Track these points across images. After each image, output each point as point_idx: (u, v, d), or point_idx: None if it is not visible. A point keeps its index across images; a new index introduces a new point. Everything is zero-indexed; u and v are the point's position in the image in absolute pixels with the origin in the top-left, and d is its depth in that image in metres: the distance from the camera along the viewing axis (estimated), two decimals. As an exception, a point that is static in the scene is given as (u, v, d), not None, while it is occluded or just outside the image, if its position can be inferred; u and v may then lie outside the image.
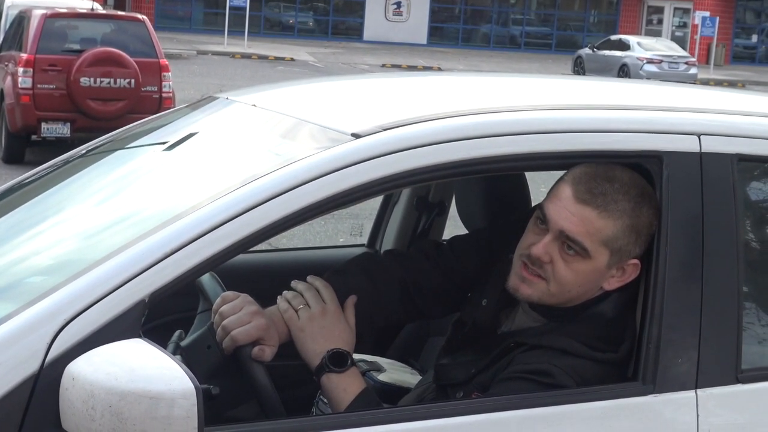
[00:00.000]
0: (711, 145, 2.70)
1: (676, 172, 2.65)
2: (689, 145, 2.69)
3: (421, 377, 3.19)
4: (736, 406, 2.63)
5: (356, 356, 3.29)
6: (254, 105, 3.12)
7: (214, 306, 2.70)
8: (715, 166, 2.69)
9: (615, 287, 2.69)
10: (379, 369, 3.30)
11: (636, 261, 2.67)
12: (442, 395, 2.80)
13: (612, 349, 2.63)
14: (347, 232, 9.96)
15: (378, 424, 2.43)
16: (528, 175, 3.51)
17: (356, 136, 2.53)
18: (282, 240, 8.56)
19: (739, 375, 2.63)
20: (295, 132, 2.78)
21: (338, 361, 2.64)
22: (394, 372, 3.33)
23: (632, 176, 2.66)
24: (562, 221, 2.64)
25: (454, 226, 3.81)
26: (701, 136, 2.71)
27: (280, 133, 2.84)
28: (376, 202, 4.20)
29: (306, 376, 2.70)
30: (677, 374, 2.58)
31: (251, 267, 3.80)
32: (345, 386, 2.63)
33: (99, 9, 16.68)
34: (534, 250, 2.67)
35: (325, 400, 2.83)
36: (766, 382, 2.69)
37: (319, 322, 2.67)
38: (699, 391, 2.59)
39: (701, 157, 2.68)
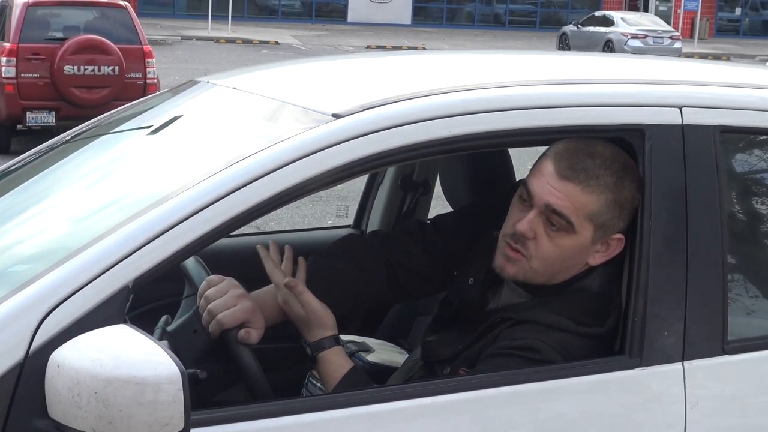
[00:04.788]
0: (693, 118, 2.70)
1: (659, 145, 2.64)
2: (671, 117, 2.68)
3: (409, 355, 3.20)
4: (723, 378, 2.64)
5: (345, 337, 3.31)
6: (235, 88, 3.11)
7: (199, 290, 2.70)
8: (697, 139, 2.68)
9: (600, 262, 2.70)
10: (368, 350, 3.30)
11: (620, 235, 2.67)
12: (429, 372, 2.80)
13: (598, 323, 2.64)
14: (335, 214, 9.95)
15: (367, 403, 2.43)
16: (514, 151, 3.50)
17: (337, 116, 2.52)
18: (270, 223, 8.55)
19: (725, 346, 2.64)
20: (276, 114, 2.77)
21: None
22: (383, 352, 3.33)
23: (614, 151, 2.66)
24: (546, 195, 2.64)
25: (441, 205, 3.81)
26: (683, 109, 2.70)
27: (261, 115, 2.83)
28: (363, 182, 4.20)
29: (293, 358, 2.70)
30: (664, 347, 2.58)
31: (238, 250, 3.79)
32: (328, 370, 2.64)
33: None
34: (519, 227, 2.67)
35: (314, 382, 2.84)
36: (752, 352, 2.71)
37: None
38: (686, 363, 2.59)
39: (683, 129, 2.68)
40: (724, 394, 2.64)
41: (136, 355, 2.09)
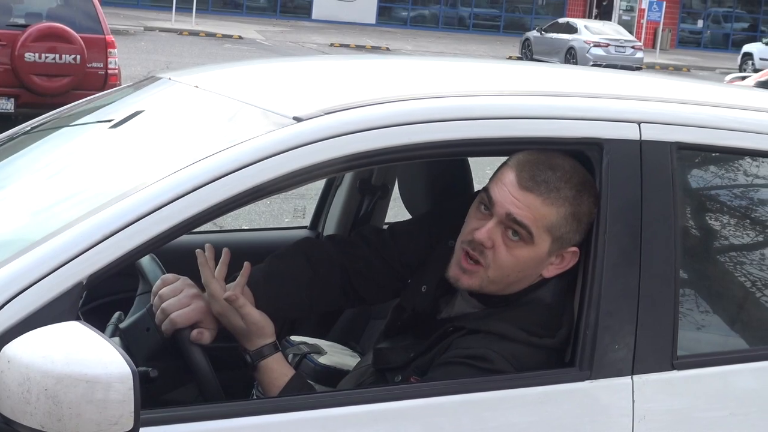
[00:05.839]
0: (651, 133, 2.72)
1: (616, 160, 2.67)
2: (629, 132, 2.70)
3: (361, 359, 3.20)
4: (671, 392, 2.66)
5: (297, 338, 3.31)
6: (197, 86, 3.10)
7: (153, 288, 2.70)
8: (654, 154, 2.70)
9: (553, 274, 2.71)
10: (320, 351, 3.30)
11: (575, 249, 2.69)
12: (380, 379, 2.81)
13: (550, 334, 2.65)
14: (292, 213, 9.94)
15: (318, 407, 2.44)
16: (473, 158, 3.51)
17: (298, 119, 2.52)
18: (227, 219, 8.53)
19: (674, 361, 2.66)
20: (237, 115, 2.77)
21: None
22: (335, 354, 3.33)
23: (573, 164, 2.68)
24: (507, 205, 2.66)
25: (398, 208, 3.82)
26: (641, 124, 2.73)
27: (222, 115, 2.83)
28: (321, 183, 4.20)
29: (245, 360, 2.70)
30: (614, 360, 2.60)
31: (194, 248, 3.77)
32: (270, 377, 2.66)
33: (44, -17, 16.48)
34: (477, 235, 2.68)
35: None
36: (701, 368, 2.72)
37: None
38: (635, 377, 2.61)
39: (641, 144, 2.70)
40: (672, 409, 2.66)
41: (87, 353, 2.08)
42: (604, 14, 48.74)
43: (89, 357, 2.08)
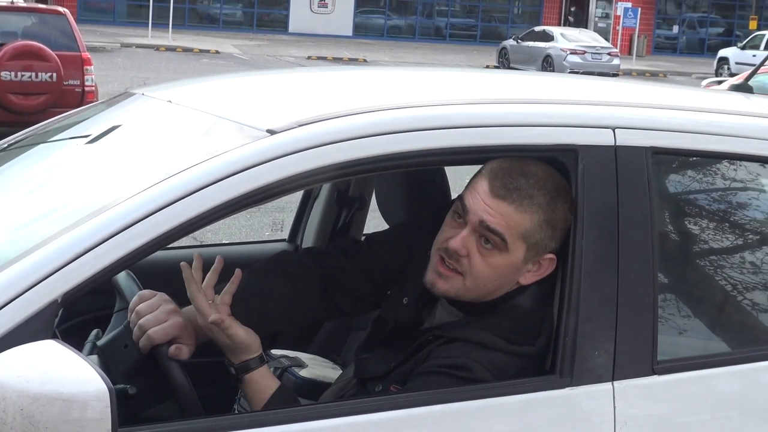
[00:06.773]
0: (625, 139, 2.72)
1: (592, 166, 2.67)
2: (604, 138, 2.71)
3: (342, 372, 3.19)
4: (652, 397, 2.66)
5: (278, 352, 3.30)
6: (170, 101, 3.09)
7: (130, 305, 2.68)
8: (629, 159, 2.71)
9: (531, 282, 2.71)
10: (301, 365, 3.29)
11: (552, 255, 2.69)
12: (362, 389, 2.80)
13: (529, 342, 2.65)
14: (271, 226, 9.92)
15: (298, 421, 2.42)
16: (451, 167, 3.51)
17: (272, 132, 2.51)
18: (207, 234, 8.51)
19: (655, 366, 2.65)
20: (211, 129, 2.76)
21: None
22: (316, 367, 3.32)
23: (547, 171, 2.68)
24: (481, 213, 2.65)
25: (377, 219, 3.81)
26: (616, 130, 2.73)
27: (196, 129, 2.82)
28: (300, 195, 4.20)
29: (225, 373, 2.69)
30: (594, 366, 2.59)
31: (171, 263, 3.76)
32: (255, 390, 2.65)
33: (20, 2, 16.46)
34: (452, 244, 2.68)
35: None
36: (681, 373, 2.72)
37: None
38: (616, 383, 2.61)
39: (616, 150, 2.70)
40: (653, 414, 2.65)
41: (63, 372, 2.07)
42: (576, 22, 48.86)
43: (65, 375, 2.07)
